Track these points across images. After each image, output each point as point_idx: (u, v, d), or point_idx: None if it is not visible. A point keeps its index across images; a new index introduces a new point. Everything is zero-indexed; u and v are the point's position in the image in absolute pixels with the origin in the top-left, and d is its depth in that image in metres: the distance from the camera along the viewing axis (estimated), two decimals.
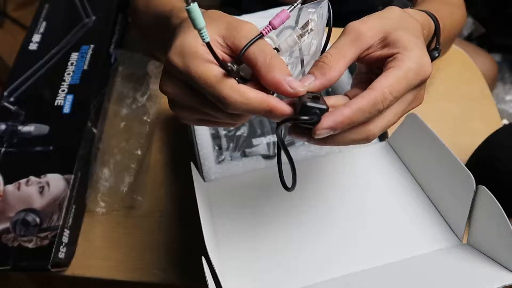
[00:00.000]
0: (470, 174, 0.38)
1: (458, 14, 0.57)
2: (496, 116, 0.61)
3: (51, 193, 0.50)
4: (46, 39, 0.64)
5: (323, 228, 0.43)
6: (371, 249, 0.41)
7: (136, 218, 0.53)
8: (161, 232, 0.52)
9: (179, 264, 0.50)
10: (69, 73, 0.60)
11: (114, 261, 0.51)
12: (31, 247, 0.47)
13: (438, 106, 0.62)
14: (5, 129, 0.55)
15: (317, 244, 0.41)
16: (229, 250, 0.41)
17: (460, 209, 0.39)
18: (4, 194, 0.50)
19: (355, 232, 0.42)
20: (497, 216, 0.35)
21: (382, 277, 0.38)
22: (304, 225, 0.43)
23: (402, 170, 0.48)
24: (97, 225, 0.53)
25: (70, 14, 0.67)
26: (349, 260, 0.40)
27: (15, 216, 0.49)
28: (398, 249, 0.40)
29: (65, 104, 0.57)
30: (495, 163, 0.46)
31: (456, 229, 0.41)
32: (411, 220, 0.43)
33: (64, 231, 0.49)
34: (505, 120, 1.30)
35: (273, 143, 0.54)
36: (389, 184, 0.46)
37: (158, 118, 0.61)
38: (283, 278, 0.39)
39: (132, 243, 0.52)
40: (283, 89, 0.29)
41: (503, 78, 1.41)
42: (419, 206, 0.44)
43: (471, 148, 0.50)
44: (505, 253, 0.35)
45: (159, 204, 0.54)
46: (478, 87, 0.63)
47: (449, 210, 0.42)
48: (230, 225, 0.43)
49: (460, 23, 0.58)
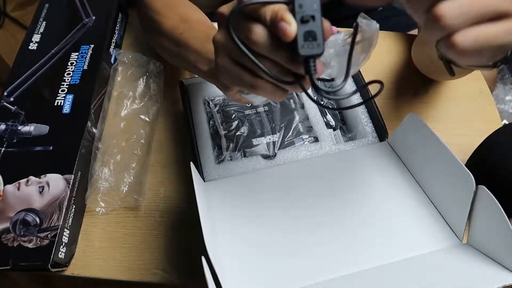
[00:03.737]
0: (470, 174, 0.38)
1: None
2: (496, 116, 0.61)
3: (51, 193, 0.50)
4: (46, 39, 0.64)
5: (323, 228, 0.43)
6: (371, 249, 0.41)
7: (136, 218, 0.53)
8: (161, 232, 0.52)
9: (179, 264, 0.50)
10: (69, 73, 0.60)
11: (114, 261, 0.51)
12: (31, 247, 0.47)
13: (438, 106, 0.62)
14: (5, 129, 0.55)
15: (317, 244, 0.41)
16: (229, 250, 0.41)
17: (460, 209, 0.39)
18: (4, 194, 0.50)
19: (355, 232, 0.42)
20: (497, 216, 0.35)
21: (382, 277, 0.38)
22: (304, 225, 0.43)
23: (402, 170, 0.48)
24: (97, 225, 0.53)
25: (70, 14, 0.67)
26: (349, 260, 0.40)
27: (15, 216, 0.49)
28: (398, 249, 0.40)
29: (65, 104, 0.57)
30: (495, 163, 0.46)
31: (456, 229, 0.41)
32: (411, 220, 0.43)
33: (64, 231, 0.49)
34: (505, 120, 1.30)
35: (272, 143, 0.54)
36: (389, 184, 0.46)
37: (158, 118, 0.61)
38: (283, 278, 0.39)
39: (132, 243, 0.52)
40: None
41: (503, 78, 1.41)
42: (419, 206, 0.44)
43: (471, 148, 0.50)
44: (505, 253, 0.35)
45: (159, 204, 0.54)
46: (478, 87, 0.63)
47: (449, 210, 0.42)
48: (230, 225, 0.43)
49: None
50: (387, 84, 0.64)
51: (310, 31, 0.29)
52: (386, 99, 0.62)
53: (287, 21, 0.29)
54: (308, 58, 0.30)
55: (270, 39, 0.30)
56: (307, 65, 0.30)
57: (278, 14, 0.29)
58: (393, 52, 0.67)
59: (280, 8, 0.29)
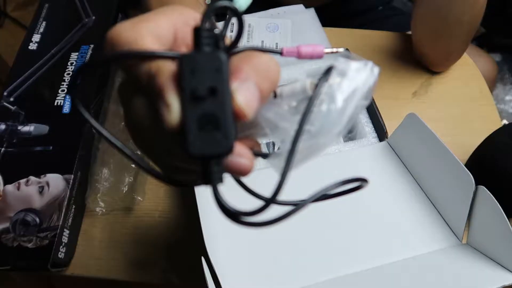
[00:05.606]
0: (469, 174, 0.38)
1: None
2: (496, 116, 0.61)
3: (51, 193, 0.50)
4: (46, 39, 0.64)
5: (323, 228, 0.43)
6: (371, 249, 0.41)
7: (136, 218, 0.53)
8: (161, 232, 0.52)
9: (179, 264, 0.50)
10: (69, 73, 0.60)
11: (114, 261, 0.51)
12: (31, 247, 0.47)
13: (438, 106, 0.62)
14: (5, 129, 0.55)
15: (317, 244, 0.41)
16: (228, 250, 0.41)
17: (460, 209, 0.39)
18: (4, 194, 0.50)
19: (354, 232, 0.42)
20: (496, 216, 0.35)
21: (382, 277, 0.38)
22: (304, 225, 0.43)
23: (402, 170, 0.48)
24: (97, 225, 0.53)
25: (70, 14, 0.67)
26: (349, 260, 0.40)
27: (14, 216, 0.49)
28: (398, 249, 0.40)
29: (65, 104, 0.57)
30: (494, 163, 0.46)
31: (455, 229, 0.41)
32: (410, 220, 0.43)
33: (64, 231, 0.49)
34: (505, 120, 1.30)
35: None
36: (389, 184, 0.46)
37: None
38: (283, 278, 0.39)
39: (132, 243, 0.52)
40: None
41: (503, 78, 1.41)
42: (419, 206, 0.44)
43: (471, 148, 0.50)
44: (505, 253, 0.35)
45: (159, 204, 0.54)
46: (478, 87, 0.63)
47: (449, 210, 0.42)
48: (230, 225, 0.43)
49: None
50: (388, 84, 0.64)
51: (208, 114, 0.18)
52: (386, 99, 0.62)
53: (164, 101, 0.18)
54: (206, 159, 0.19)
55: (152, 120, 0.20)
56: (206, 170, 0.19)
57: (153, 82, 0.18)
58: (393, 52, 0.67)
59: (159, 71, 0.18)
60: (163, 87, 0.18)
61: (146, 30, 0.19)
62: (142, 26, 0.19)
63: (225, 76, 0.18)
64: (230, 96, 0.18)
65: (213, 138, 0.18)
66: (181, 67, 0.18)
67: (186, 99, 0.18)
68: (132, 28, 0.19)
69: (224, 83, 0.18)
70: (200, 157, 0.18)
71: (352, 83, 0.19)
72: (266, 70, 0.19)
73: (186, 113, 0.18)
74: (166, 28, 0.20)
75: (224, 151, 0.19)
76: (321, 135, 0.20)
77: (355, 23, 0.75)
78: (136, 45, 0.19)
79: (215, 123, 0.18)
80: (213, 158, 0.19)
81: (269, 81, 0.19)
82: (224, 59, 0.18)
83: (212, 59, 0.18)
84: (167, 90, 0.18)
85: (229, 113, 0.18)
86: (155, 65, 0.18)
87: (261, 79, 0.19)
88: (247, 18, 0.66)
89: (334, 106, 0.19)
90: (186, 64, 0.18)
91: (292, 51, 0.22)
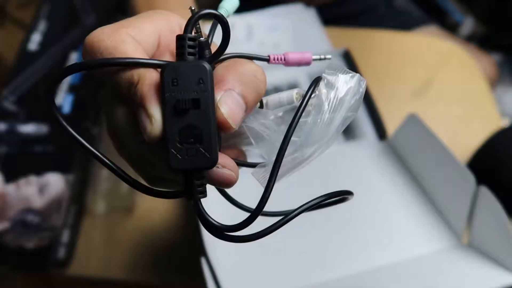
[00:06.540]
0: (470, 174, 0.37)
1: None
2: (496, 116, 0.60)
3: (51, 193, 0.50)
4: (46, 39, 0.64)
5: (323, 228, 0.43)
6: (371, 249, 0.41)
7: (136, 218, 0.53)
8: (160, 232, 0.52)
9: (179, 264, 0.50)
10: None
11: (114, 261, 0.51)
12: (31, 247, 0.47)
13: (438, 106, 0.62)
14: (5, 129, 0.55)
15: (317, 244, 0.41)
16: (228, 250, 0.41)
17: (460, 209, 0.39)
18: (4, 194, 0.50)
19: (355, 232, 0.42)
20: (498, 216, 0.35)
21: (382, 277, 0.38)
22: (304, 225, 0.43)
23: (402, 170, 0.48)
24: (97, 225, 0.53)
25: (70, 14, 0.67)
26: (349, 260, 0.40)
27: (14, 216, 0.49)
28: (398, 249, 0.40)
29: (65, 104, 0.57)
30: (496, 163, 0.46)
31: (456, 230, 0.41)
32: (411, 220, 0.43)
33: (64, 231, 0.49)
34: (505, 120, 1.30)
35: None
36: (389, 184, 0.46)
37: None
38: (282, 278, 0.39)
39: (132, 243, 0.52)
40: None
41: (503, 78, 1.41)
42: (419, 206, 0.44)
43: (471, 148, 0.50)
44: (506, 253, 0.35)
45: (159, 204, 0.54)
46: (478, 87, 0.63)
47: (449, 210, 0.42)
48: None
49: None
50: (388, 84, 0.64)
51: (191, 126, 0.17)
52: (386, 99, 0.62)
53: (145, 111, 0.18)
54: (188, 173, 0.18)
55: (132, 129, 0.19)
56: (187, 184, 0.19)
57: (134, 91, 0.18)
58: (393, 52, 0.67)
59: (141, 79, 0.18)
60: (145, 97, 0.18)
61: (127, 36, 0.19)
62: (123, 32, 0.19)
63: (209, 87, 0.17)
64: (213, 108, 0.17)
65: (196, 151, 0.18)
66: (164, 76, 0.17)
67: (168, 110, 0.17)
68: (112, 34, 0.19)
69: (207, 94, 0.17)
70: (181, 171, 0.18)
71: (340, 95, 0.19)
72: (252, 79, 0.19)
73: (168, 124, 0.17)
74: (149, 34, 0.20)
75: (207, 165, 0.18)
76: (306, 147, 0.20)
77: (355, 23, 0.75)
78: (116, 52, 0.18)
79: (198, 136, 0.18)
80: (195, 172, 0.18)
81: (255, 91, 0.19)
82: (208, 69, 0.17)
83: (196, 68, 0.17)
84: (148, 100, 0.17)
85: (213, 126, 0.18)
86: (137, 73, 0.18)
87: (247, 89, 0.19)
88: (247, 18, 0.66)
89: (320, 117, 0.19)
90: (168, 73, 0.17)
91: (279, 58, 0.22)
